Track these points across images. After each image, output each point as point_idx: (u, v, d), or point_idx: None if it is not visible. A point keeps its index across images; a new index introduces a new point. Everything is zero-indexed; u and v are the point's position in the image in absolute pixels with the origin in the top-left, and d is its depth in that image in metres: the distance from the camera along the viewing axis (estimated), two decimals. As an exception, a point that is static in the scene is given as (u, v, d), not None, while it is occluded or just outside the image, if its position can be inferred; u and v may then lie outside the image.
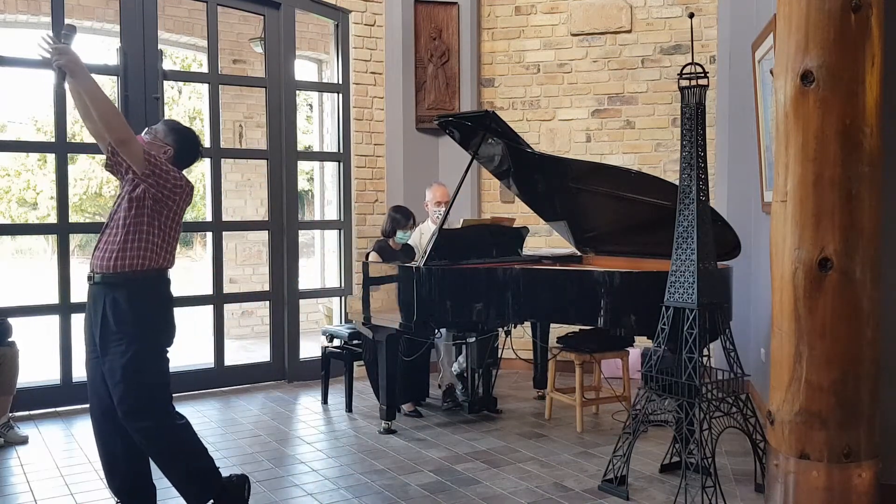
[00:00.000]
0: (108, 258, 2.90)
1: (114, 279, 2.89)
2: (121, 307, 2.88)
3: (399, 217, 4.89)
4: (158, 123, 3.16)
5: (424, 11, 5.97)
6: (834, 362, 2.39)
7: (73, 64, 2.77)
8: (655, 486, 3.53)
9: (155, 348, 2.99)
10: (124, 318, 2.89)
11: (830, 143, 2.36)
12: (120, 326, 2.88)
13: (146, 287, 2.95)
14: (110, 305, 2.88)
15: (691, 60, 3.17)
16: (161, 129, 3.10)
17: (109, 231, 2.95)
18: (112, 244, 2.91)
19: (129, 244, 2.90)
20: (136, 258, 2.90)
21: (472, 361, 4.73)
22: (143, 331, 2.92)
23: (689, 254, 3.19)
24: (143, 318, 2.92)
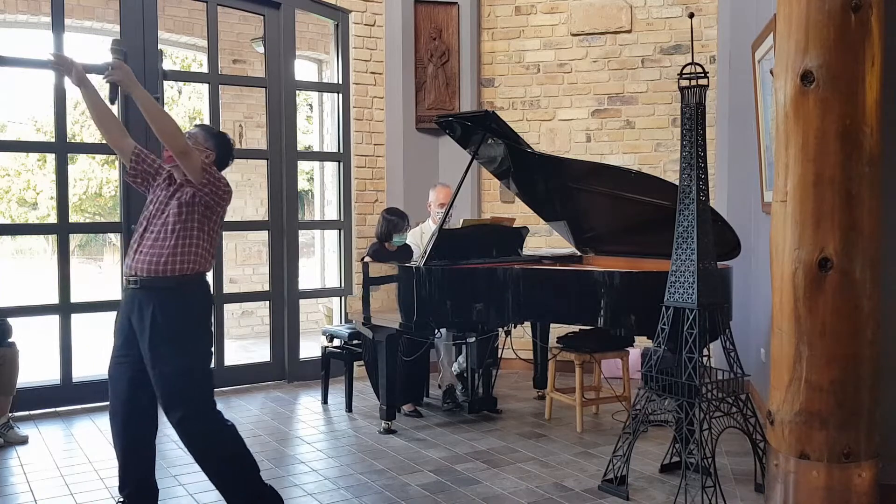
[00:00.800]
0: (157, 262, 2.89)
1: (163, 283, 2.89)
2: (172, 312, 2.89)
3: (395, 219, 4.87)
4: (194, 129, 3.17)
5: (424, 11, 5.97)
6: (834, 362, 2.39)
7: (129, 79, 2.83)
8: (655, 486, 3.53)
9: (207, 351, 3.04)
10: (177, 323, 2.90)
11: (830, 143, 2.36)
12: (174, 332, 2.89)
13: (195, 290, 2.97)
14: (161, 310, 2.88)
15: (691, 60, 3.17)
16: (200, 134, 3.13)
17: (152, 234, 2.94)
18: (161, 248, 2.90)
19: (179, 248, 2.91)
20: (186, 262, 2.92)
21: (472, 361, 4.73)
22: (195, 334, 2.95)
23: (689, 254, 3.19)
24: (194, 321, 2.96)
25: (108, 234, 14.76)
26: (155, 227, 2.95)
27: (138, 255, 2.93)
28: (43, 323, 5.62)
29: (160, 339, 2.88)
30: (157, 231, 2.94)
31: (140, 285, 2.91)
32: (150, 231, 2.96)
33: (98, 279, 13.47)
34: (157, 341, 2.88)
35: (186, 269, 2.92)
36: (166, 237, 2.91)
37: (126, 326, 2.99)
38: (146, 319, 2.89)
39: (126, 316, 2.98)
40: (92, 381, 5.07)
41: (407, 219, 4.92)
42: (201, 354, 3.00)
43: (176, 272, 2.90)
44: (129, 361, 3.00)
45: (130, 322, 2.96)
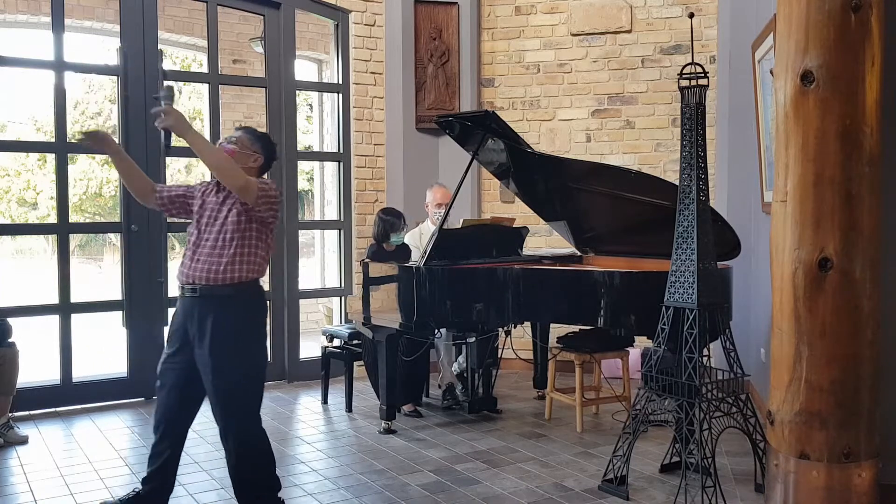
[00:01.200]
0: (216, 270, 2.92)
1: (222, 291, 2.93)
2: (232, 319, 2.94)
3: (391, 219, 4.88)
4: (239, 133, 3.15)
5: (424, 11, 5.97)
6: (834, 362, 2.40)
7: (181, 124, 2.86)
8: (655, 486, 3.53)
9: (263, 357, 3.13)
10: (237, 330, 2.95)
11: (830, 143, 2.36)
12: (233, 339, 2.93)
13: (253, 296, 3.03)
14: (221, 318, 2.92)
15: (691, 60, 3.17)
16: (245, 138, 3.12)
17: (208, 242, 2.97)
18: (219, 256, 2.93)
19: (237, 256, 2.94)
20: (244, 270, 2.95)
21: (472, 361, 4.73)
22: (253, 340, 3.01)
23: (689, 254, 3.19)
24: (252, 327, 3.02)
25: (108, 234, 14.75)
26: (210, 234, 2.98)
27: (195, 264, 2.96)
28: (43, 323, 5.62)
29: (220, 346, 2.91)
30: (213, 239, 2.96)
31: (199, 293, 2.94)
32: (206, 239, 2.98)
33: (98, 279, 13.46)
34: (217, 349, 2.91)
35: (244, 277, 2.95)
36: (224, 245, 2.94)
37: (182, 333, 3.01)
38: (206, 327, 2.92)
39: (183, 323, 3.00)
40: (92, 381, 5.08)
41: (403, 218, 4.93)
42: (258, 362, 3.07)
43: (234, 280, 2.93)
44: (180, 367, 3.02)
45: (187, 329, 2.98)
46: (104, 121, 15.81)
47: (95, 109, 16.07)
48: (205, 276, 2.93)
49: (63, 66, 4.85)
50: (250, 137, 3.13)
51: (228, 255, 2.93)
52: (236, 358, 2.93)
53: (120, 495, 3.20)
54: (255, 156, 3.11)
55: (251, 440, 3.02)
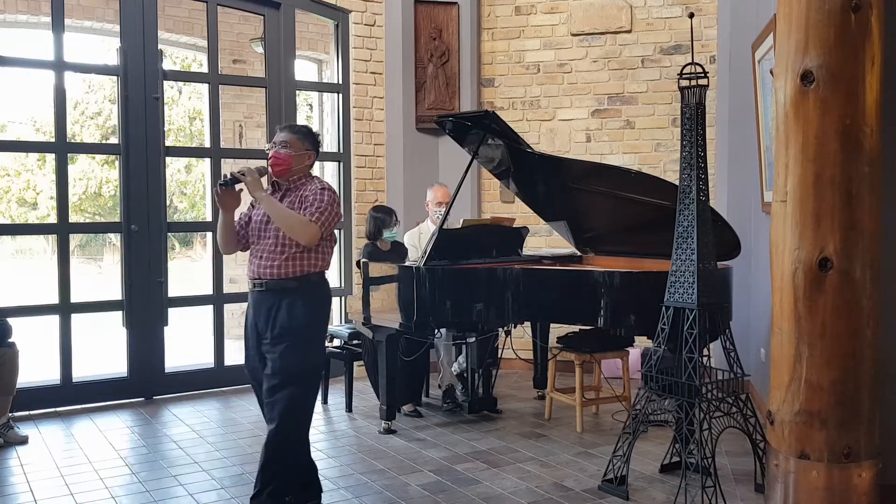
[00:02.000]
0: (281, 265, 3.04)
1: (286, 284, 3.04)
2: (297, 310, 3.03)
3: (382, 216, 4.88)
4: (284, 134, 3.15)
5: (424, 11, 5.97)
6: (834, 362, 2.40)
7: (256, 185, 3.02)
8: (655, 486, 3.53)
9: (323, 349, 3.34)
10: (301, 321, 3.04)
11: (830, 143, 2.36)
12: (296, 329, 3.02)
13: (317, 288, 3.13)
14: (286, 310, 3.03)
15: (691, 60, 3.16)
16: (294, 138, 3.14)
17: (270, 239, 3.07)
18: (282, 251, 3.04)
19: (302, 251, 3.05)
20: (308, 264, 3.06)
21: (472, 361, 4.73)
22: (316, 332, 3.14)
23: (689, 254, 3.19)
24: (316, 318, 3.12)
25: (108, 234, 14.74)
26: (270, 230, 3.08)
27: (261, 261, 3.08)
28: (43, 323, 5.63)
29: (282, 336, 3.02)
30: (276, 236, 3.06)
31: (265, 287, 3.06)
32: (267, 236, 3.08)
33: (98, 279, 13.46)
34: (280, 338, 3.02)
35: (308, 269, 3.07)
36: (287, 241, 3.04)
37: (254, 328, 3.12)
38: (271, 319, 3.04)
39: (254, 318, 3.11)
40: (92, 381, 5.08)
41: (394, 214, 4.93)
42: (318, 354, 3.23)
43: (298, 273, 3.05)
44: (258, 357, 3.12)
45: (257, 324, 3.10)
46: (104, 121, 15.82)
47: (95, 109, 16.07)
48: (269, 272, 3.05)
49: (63, 66, 4.85)
50: (298, 136, 3.15)
51: (291, 250, 3.04)
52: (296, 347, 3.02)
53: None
54: (309, 153, 3.17)
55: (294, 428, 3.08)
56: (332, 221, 3.05)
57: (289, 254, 3.04)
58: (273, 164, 3.08)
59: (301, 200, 3.06)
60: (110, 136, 15.27)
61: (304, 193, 3.08)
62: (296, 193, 3.10)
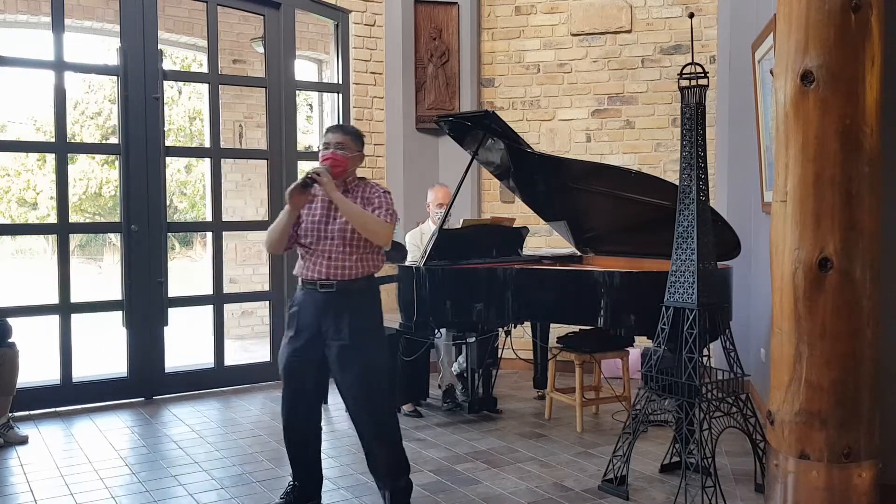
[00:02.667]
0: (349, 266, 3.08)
1: (355, 285, 3.09)
2: (366, 311, 3.12)
3: None
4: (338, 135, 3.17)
5: (424, 11, 5.97)
6: (834, 362, 2.40)
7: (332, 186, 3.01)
8: (655, 486, 3.53)
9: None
10: (371, 320, 3.15)
11: (830, 143, 2.36)
12: (368, 328, 3.11)
13: (377, 288, 3.23)
14: (357, 310, 3.09)
15: (691, 60, 3.17)
16: (349, 140, 3.17)
17: (333, 241, 3.09)
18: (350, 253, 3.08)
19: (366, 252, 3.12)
20: (372, 265, 3.15)
21: (472, 361, 4.73)
22: (382, 329, 3.24)
23: (689, 254, 3.19)
24: (381, 316, 3.23)
25: (108, 234, 14.75)
26: (332, 232, 3.09)
27: (329, 261, 3.08)
28: (43, 323, 5.63)
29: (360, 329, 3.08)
30: (339, 237, 3.08)
31: (335, 288, 3.07)
32: (329, 237, 3.10)
33: (98, 279, 13.46)
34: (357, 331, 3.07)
35: (372, 270, 3.16)
36: (355, 243, 3.08)
37: (313, 328, 3.11)
38: (343, 320, 3.07)
39: (315, 318, 3.10)
40: (92, 381, 5.08)
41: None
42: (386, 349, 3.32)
43: (365, 273, 3.13)
44: (309, 360, 3.15)
45: (319, 324, 3.10)
46: (104, 121, 15.83)
47: (95, 109, 16.08)
48: (338, 273, 3.07)
49: (63, 66, 4.85)
50: (352, 138, 3.19)
51: (358, 252, 3.09)
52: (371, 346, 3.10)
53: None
54: (361, 154, 3.22)
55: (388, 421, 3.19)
56: (392, 216, 3.14)
57: (358, 255, 3.09)
58: (332, 166, 3.08)
59: (366, 202, 3.12)
60: (110, 136, 15.28)
61: (366, 195, 3.14)
62: (356, 194, 3.14)
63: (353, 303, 3.08)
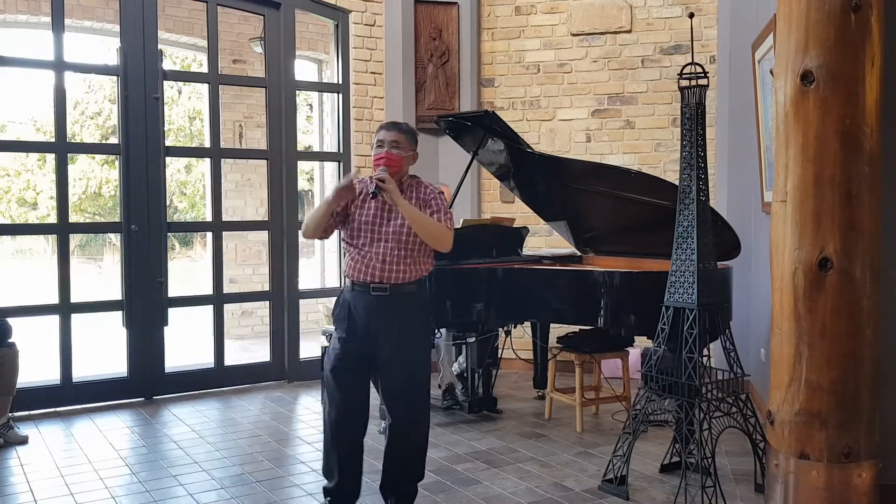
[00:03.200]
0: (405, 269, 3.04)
1: (409, 289, 3.06)
2: (415, 314, 3.11)
3: None
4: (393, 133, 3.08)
5: (424, 11, 5.97)
6: (834, 362, 2.40)
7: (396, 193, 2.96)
8: (655, 486, 3.53)
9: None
10: (420, 324, 3.15)
11: (830, 143, 2.36)
12: (417, 332, 3.12)
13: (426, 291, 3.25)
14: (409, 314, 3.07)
15: (691, 60, 3.17)
16: (404, 138, 3.09)
17: (388, 244, 3.03)
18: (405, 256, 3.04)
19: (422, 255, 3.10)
20: (425, 268, 3.13)
21: (472, 361, 4.73)
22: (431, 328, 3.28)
23: (689, 254, 3.19)
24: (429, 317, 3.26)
25: (108, 234, 14.75)
26: (387, 234, 3.05)
27: (383, 264, 3.02)
28: (43, 323, 5.62)
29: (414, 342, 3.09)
30: (394, 240, 3.04)
31: (389, 292, 3.03)
32: (383, 238, 3.05)
33: (98, 279, 13.46)
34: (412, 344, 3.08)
35: (424, 274, 3.14)
36: (410, 246, 3.05)
37: (364, 330, 3.06)
38: (394, 324, 3.04)
39: (367, 320, 3.05)
40: (92, 381, 5.08)
41: None
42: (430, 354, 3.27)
43: (418, 277, 3.10)
44: (358, 362, 3.09)
45: (369, 326, 3.05)
46: (104, 121, 15.82)
47: (95, 109, 16.07)
48: (393, 276, 3.02)
49: (63, 66, 4.85)
50: (407, 136, 3.12)
51: (414, 255, 3.06)
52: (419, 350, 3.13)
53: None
54: (415, 153, 3.15)
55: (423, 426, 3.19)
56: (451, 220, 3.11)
57: (412, 258, 3.05)
58: (388, 166, 3.01)
59: (422, 203, 3.08)
60: (110, 136, 15.28)
61: (421, 196, 3.09)
62: (411, 195, 3.08)
63: (405, 306, 3.06)
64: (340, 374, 3.10)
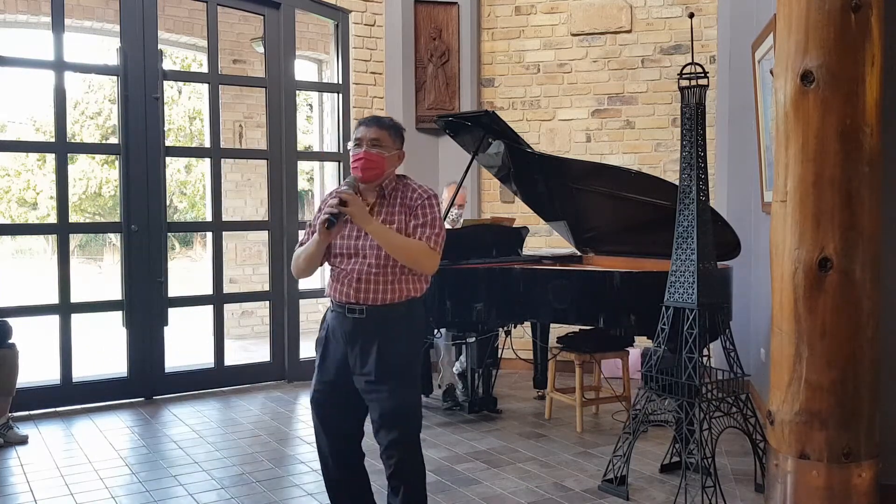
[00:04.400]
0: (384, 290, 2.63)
1: (391, 311, 2.65)
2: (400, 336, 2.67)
3: None
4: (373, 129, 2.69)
5: (424, 11, 5.97)
6: (834, 362, 2.40)
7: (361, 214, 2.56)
8: (655, 486, 3.53)
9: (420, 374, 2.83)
10: (405, 347, 2.69)
11: (830, 143, 2.36)
12: (401, 355, 2.67)
13: (419, 312, 2.76)
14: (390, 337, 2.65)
15: (691, 60, 3.17)
16: (386, 135, 2.70)
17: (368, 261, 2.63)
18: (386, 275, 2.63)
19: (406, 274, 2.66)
20: (412, 289, 2.69)
21: (472, 361, 4.73)
22: (417, 357, 2.76)
23: (689, 254, 3.19)
24: (418, 343, 2.78)
25: (108, 234, 14.76)
26: (363, 249, 2.64)
27: (359, 283, 2.63)
28: (43, 323, 5.63)
29: (387, 364, 2.64)
30: (374, 255, 2.63)
31: (366, 314, 2.64)
32: (363, 257, 2.64)
33: (98, 279, 13.47)
34: (384, 366, 2.64)
35: (412, 294, 2.69)
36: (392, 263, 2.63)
37: (341, 355, 2.70)
38: (372, 353, 2.64)
39: (343, 345, 2.69)
40: (92, 381, 5.08)
41: None
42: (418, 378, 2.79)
43: (403, 298, 2.66)
44: (338, 392, 2.74)
45: (346, 352, 2.69)
46: (104, 121, 15.82)
47: (95, 109, 16.07)
48: (371, 297, 2.63)
49: (63, 66, 4.85)
50: (391, 133, 2.72)
51: (395, 274, 2.64)
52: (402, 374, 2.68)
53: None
54: (400, 152, 2.76)
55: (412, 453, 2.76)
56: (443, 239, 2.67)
57: (395, 276, 2.63)
58: (364, 168, 2.63)
59: (407, 210, 2.66)
60: (110, 136, 15.28)
61: (407, 202, 2.68)
62: (395, 200, 2.69)
63: (385, 331, 2.64)
64: (319, 406, 2.78)
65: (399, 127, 2.79)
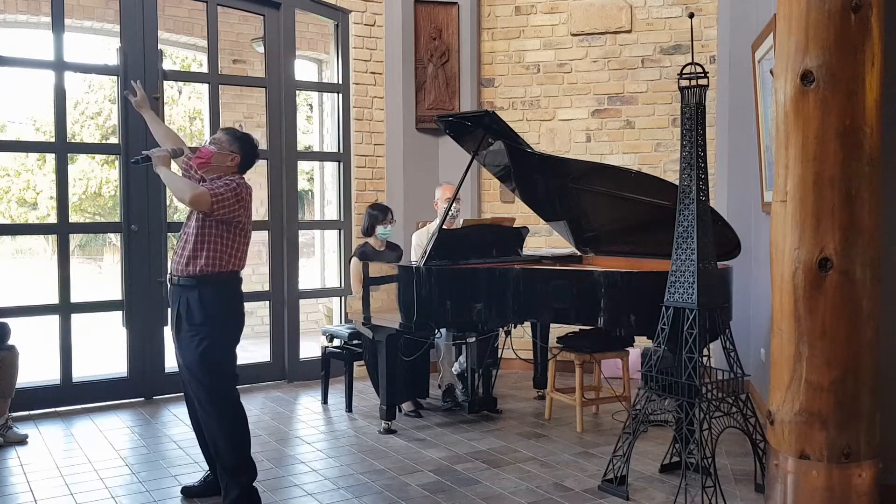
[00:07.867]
0: (185, 264, 3.26)
1: (188, 282, 3.26)
2: (193, 306, 3.26)
3: (376, 213, 4.92)
4: (219, 133, 3.44)
5: (424, 11, 5.97)
6: (834, 362, 2.40)
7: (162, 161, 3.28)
8: (655, 486, 3.53)
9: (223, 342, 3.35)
10: (197, 316, 3.26)
11: (830, 143, 2.36)
12: (193, 323, 3.26)
13: (217, 288, 3.31)
14: (184, 305, 3.27)
15: (691, 60, 3.17)
16: (225, 139, 3.39)
17: (184, 238, 3.31)
18: (187, 251, 3.26)
19: (200, 251, 3.25)
20: (208, 264, 3.25)
21: (472, 361, 4.73)
22: (212, 327, 3.28)
23: (689, 254, 3.19)
24: (213, 315, 3.28)
25: (108, 234, 14.75)
26: (186, 232, 3.31)
27: (175, 257, 3.34)
28: (43, 323, 5.63)
29: (182, 328, 3.28)
30: (187, 235, 3.29)
31: (173, 283, 3.32)
32: (184, 234, 3.33)
33: (98, 279, 13.46)
34: (181, 329, 3.29)
35: (208, 270, 3.26)
36: (188, 242, 3.27)
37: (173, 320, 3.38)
38: (174, 312, 3.33)
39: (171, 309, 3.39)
40: (92, 381, 5.08)
41: (390, 212, 4.96)
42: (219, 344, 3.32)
43: (196, 273, 3.25)
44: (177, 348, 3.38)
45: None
46: (104, 120, 15.82)
47: (95, 109, 16.06)
48: (178, 269, 3.28)
49: (63, 66, 4.85)
50: (230, 138, 3.39)
51: (190, 251, 3.25)
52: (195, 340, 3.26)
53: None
54: (233, 155, 3.36)
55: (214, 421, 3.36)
56: (225, 201, 3.21)
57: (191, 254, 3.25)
58: (196, 157, 3.35)
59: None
60: (110, 136, 15.27)
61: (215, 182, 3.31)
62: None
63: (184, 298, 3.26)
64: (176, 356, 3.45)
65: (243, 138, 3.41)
